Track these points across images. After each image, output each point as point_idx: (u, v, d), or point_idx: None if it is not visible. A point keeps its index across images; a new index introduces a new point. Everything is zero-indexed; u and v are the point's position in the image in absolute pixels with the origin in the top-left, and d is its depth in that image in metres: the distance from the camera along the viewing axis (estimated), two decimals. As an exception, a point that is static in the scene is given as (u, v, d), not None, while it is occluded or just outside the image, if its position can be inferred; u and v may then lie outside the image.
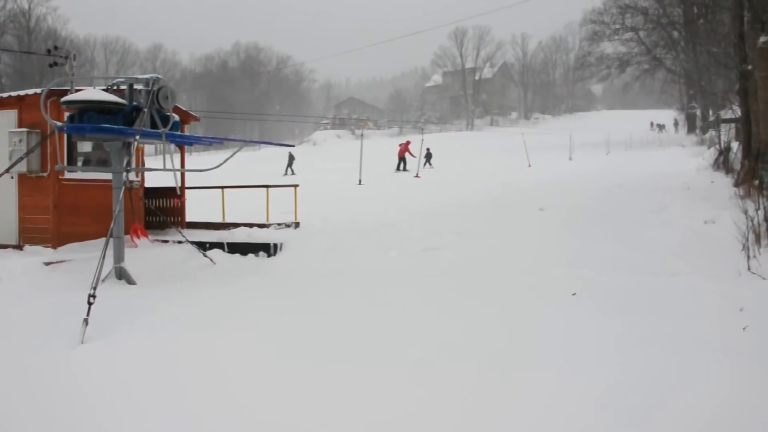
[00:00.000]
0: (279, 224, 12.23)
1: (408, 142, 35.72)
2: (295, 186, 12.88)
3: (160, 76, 9.21)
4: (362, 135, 39.28)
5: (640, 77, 54.56)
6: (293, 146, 17.29)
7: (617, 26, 52.70)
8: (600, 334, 5.77)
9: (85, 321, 6.09)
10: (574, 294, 7.41)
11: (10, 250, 10.55)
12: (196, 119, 13.50)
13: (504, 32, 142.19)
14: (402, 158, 34.17)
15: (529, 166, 31.35)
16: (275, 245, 10.83)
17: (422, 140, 34.77)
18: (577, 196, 15.79)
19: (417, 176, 28.19)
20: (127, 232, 9.96)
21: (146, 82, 8.98)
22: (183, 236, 11.05)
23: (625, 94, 65.71)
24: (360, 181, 25.82)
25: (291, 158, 36.52)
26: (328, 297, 7.78)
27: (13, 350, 5.74)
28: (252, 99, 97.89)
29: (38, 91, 10.24)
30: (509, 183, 20.84)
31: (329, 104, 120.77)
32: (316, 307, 7.23)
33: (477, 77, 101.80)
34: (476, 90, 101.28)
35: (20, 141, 10.49)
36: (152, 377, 5.00)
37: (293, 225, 12.25)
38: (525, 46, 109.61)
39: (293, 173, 34.51)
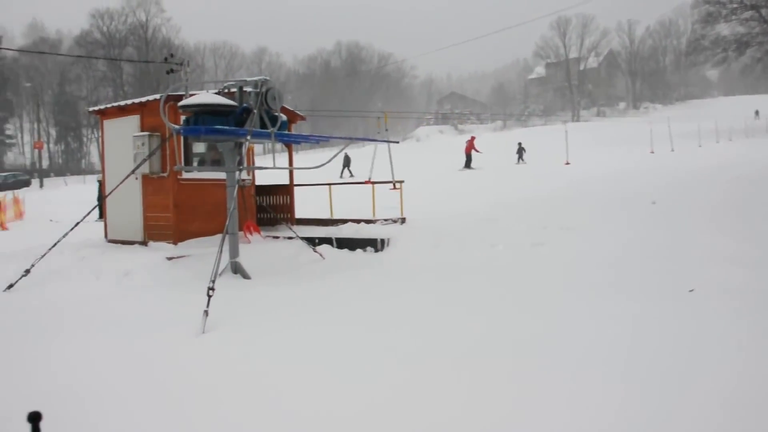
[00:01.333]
0: (385, 220, 12.38)
1: (473, 138, 34.72)
2: (401, 182, 12.99)
3: (267, 78, 9.54)
4: (458, 129, 38.95)
5: (762, 59, 50.98)
6: (397, 142, 17.43)
7: (735, 5, 49.43)
8: (722, 336, 5.48)
9: (205, 312, 6.43)
10: (691, 290, 7.09)
11: (136, 245, 11.26)
12: (303, 118, 13.89)
13: (609, 19, 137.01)
14: (468, 155, 33.08)
15: (652, 152, 30.16)
16: (382, 240, 10.97)
17: (514, 135, 33.93)
18: (694, 189, 15.05)
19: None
20: (240, 229, 10.39)
21: (255, 84, 9.33)
22: (293, 232, 11.40)
23: (746, 78, 61.75)
24: (465, 174, 25.68)
25: (347, 160, 33.58)
26: (434, 291, 7.81)
27: (139, 338, 6.13)
28: (354, 97, 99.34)
29: (157, 97, 10.86)
30: (617, 175, 20.12)
31: (431, 100, 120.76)
32: (425, 300, 7.28)
33: (581, 67, 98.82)
34: (581, 80, 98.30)
35: (143, 144, 11.16)
36: (268, 365, 5.20)
37: (399, 220, 12.37)
38: (632, 33, 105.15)
39: (351, 175, 31.99)
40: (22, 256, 10.37)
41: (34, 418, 0.71)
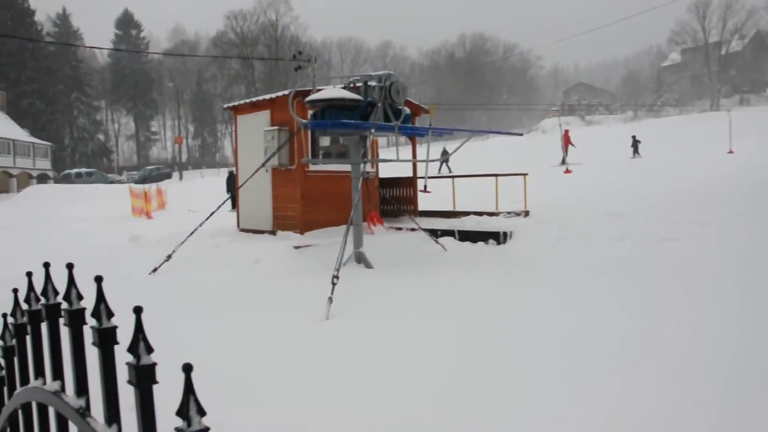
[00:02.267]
0: (508, 213, 12.24)
1: (567, 131, 33.07)
2: (525, 175, 12.79)
3: (391, 72, 9.69)
4: (585, 120, 37.56)
5: None
6: (521, 134, 17.17)
7: None
8: None
9: (330, 299, 6.66)
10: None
11: (266, 235, 11.82)
12: (426, 111, 13.97)
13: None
14: (565, 149, 31.60)
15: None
16: (504, 233, 10.86)
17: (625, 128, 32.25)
18: None
19: (567, 171, 25.55)
20: (364, 220, 10.62)
21: (379, 78, 9.50)
22: (416, 224, 11.52)
23: None
24: (581, 168, 24.86)
25: (445, 154, 31.54)
26: (557, 287, 7.65)
27: (267, 321, 6.44)
28: (479, 89, 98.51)
29: (286, 93, 11.30)
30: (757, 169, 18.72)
31: (557, 90, 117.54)
32: (548, 295, 7.16)
33: (723, 51, 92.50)
34: (722, 66, 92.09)
35: (272, 138, 11.67)
36: (388, 353, 5.31)
37: (522, 213, 12.19)
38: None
39: (450, 171, 30.52)
40: (164, 243, 11.16)
41: (187, 369, 0.80)
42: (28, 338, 1.45)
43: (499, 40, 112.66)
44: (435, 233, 11.24)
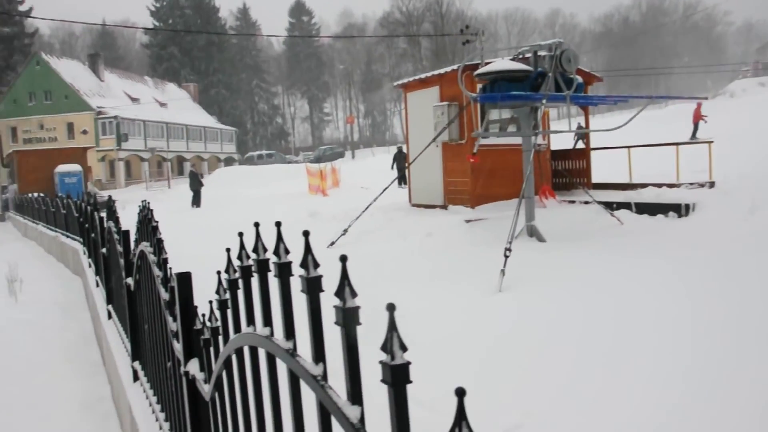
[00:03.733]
0: (691, 184, 11.47)
1: (699, 105, 28.35)
2: (710, 142, 11.91)
3: (562, 41, 9.39)
4: None
5: None
6: (706, 98, 15.94)
7: None
8: None
9: (502, 272, 6.68)
10: None
11: (437, 209, 12.03)
12: (599, 79, 13.40)
13: None
14: (695, 124, 27.77)
15: None
16: (687, 205, 10.20)
17: None
18: None
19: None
20: (536, 193, 10.47)
21: (549, 47, 9.26)
22: (590, 196, 11.16)
23: None
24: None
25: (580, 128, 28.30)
26: (749, 265, 7.09)
27: (440, 290, 6.60)
28: (656, 53, 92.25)
29: (455, 67, 11.34)
30: None
31: (749, 48, 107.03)
32: (743, 275, 6.67)
33: None
34: None
35: (442, 113, 11.78)
36: (561, 327, 5.25)
37: (707, 184, 11.36)
38: None
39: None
40: (340, 218, 11.73)
41: (391, 308, 0.89)
42: (239, 292, 1.65)
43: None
44: (610, 206, 10.81)
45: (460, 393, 0.76)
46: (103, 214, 7.08)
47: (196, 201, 24.46)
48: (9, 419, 5.98)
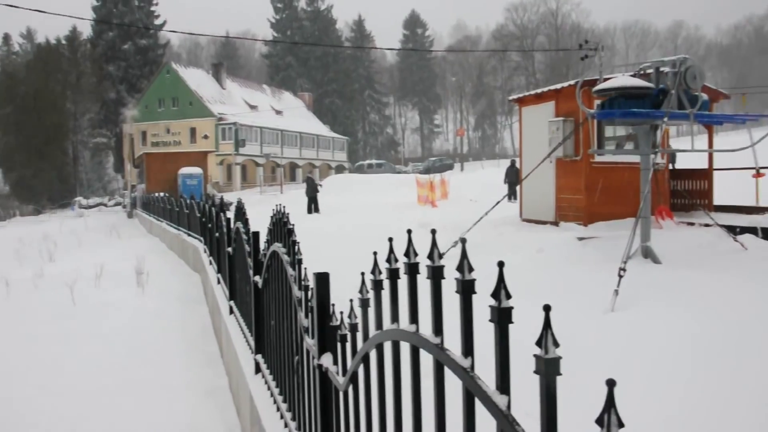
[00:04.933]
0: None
1: None
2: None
3: (687, 57, 9.11)
4: None
5: None
6: None
7: None
8: None
9: (616, 292, 6.58)
10: None
11: (548, 225, 11.90)
12: (726, 96, 12.85)
13: None
14: None
15: None
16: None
17: None
18: None
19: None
20: (652, 213, 10.17)
21: (673, 63, 8.99)
22: (711, 219, 10.70)
23: None
24: None
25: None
26: None
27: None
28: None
29: (572, 83, 11.21)
30: None
31: None
32: None
33: None
34: None
35: (557, 129, 11.68)
36: (675, 352, 5.12)
37: None
38: None
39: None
40: (450, 230, 11.83)
41: (547, 308, 1.02)
42: (383, 292, 1.81)
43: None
44: (733, 230, 10.32)
45: (611, 384, 0.87)
46: (230, 215, 7.54)
47: (314, 207, 24.82)
48: (145, 396, 6.49)
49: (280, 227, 3.53)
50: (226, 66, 68.25)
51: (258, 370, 4.66)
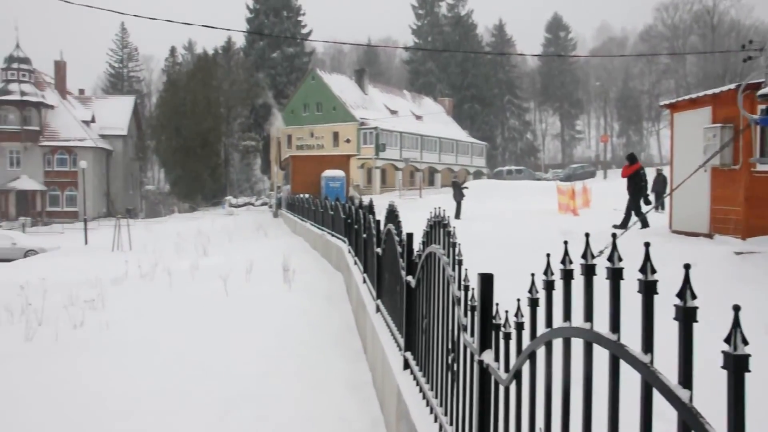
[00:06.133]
0: None
1: None
2: None
3: None
4: None
5: None
6: None
7: None
8: None
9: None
10: None
11: (701, 237, 11.31)
12: None
13: None
14: None
15: None
16: None
17: None
18: None
19: None
20: (822, 228, 9.43)
21: None
22: None
23: None
24: None
25: None
26: None
27: (704, 330, 6.27)
28: None
29: (732, 86, 10.60)
30: None
31: None
32: None
33: None
34: None
35: (714, 136, 11.08)
36: None
37: None
38: None
39: None
40: (593, 239, 11.53)
41: (737, 308, 1.12)
42: (554, 292, 1.91)
43: None
44: None
45: (736, 308, 0.96)
46: (378, 218, 7.83)
47: (457, 212, 24.28)
48: (293, 386, 6.91)
49: (438, 229, 3.69)
50: (368, 72, 70.02)
51: (406, 366, 4.84)
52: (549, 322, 1.90)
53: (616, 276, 1.48)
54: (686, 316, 1.20)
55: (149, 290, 14.44)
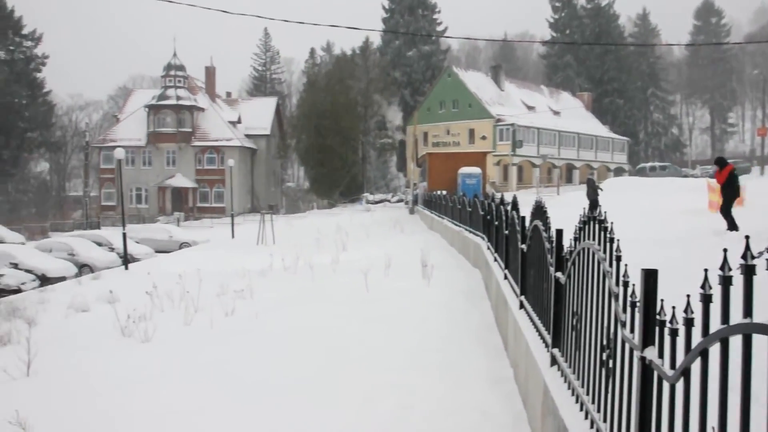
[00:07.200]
0: None
1: None
2: None
3: None
4: None
5: None
6: None
7: None
8: None
9: None
10: None
11: None
12: None
13: None
14: None
15: None
16: None
17: None
18: None
19: None
20: None
21: None
22: None
23: None
24: None
25: None
26: None
27: None
28: None
29: None
30: None
31: None
32: None
33: None
34: None
35: None
36: None
37: None
38: None
39: None
40: (759, 238, 10.81)
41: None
42: (731, 288, 1.88)
43: None
44: None
45: None
46: (522, 214, 7.79)
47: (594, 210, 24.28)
48: (434, 378, 7.06)
49: (592, 225, 3.66)
50: (504, 68, 69.15)
51: (553, 362, 4.81)
52: (725, 318, 1.87)
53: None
54: None
55: (293, 283, 15.16)
